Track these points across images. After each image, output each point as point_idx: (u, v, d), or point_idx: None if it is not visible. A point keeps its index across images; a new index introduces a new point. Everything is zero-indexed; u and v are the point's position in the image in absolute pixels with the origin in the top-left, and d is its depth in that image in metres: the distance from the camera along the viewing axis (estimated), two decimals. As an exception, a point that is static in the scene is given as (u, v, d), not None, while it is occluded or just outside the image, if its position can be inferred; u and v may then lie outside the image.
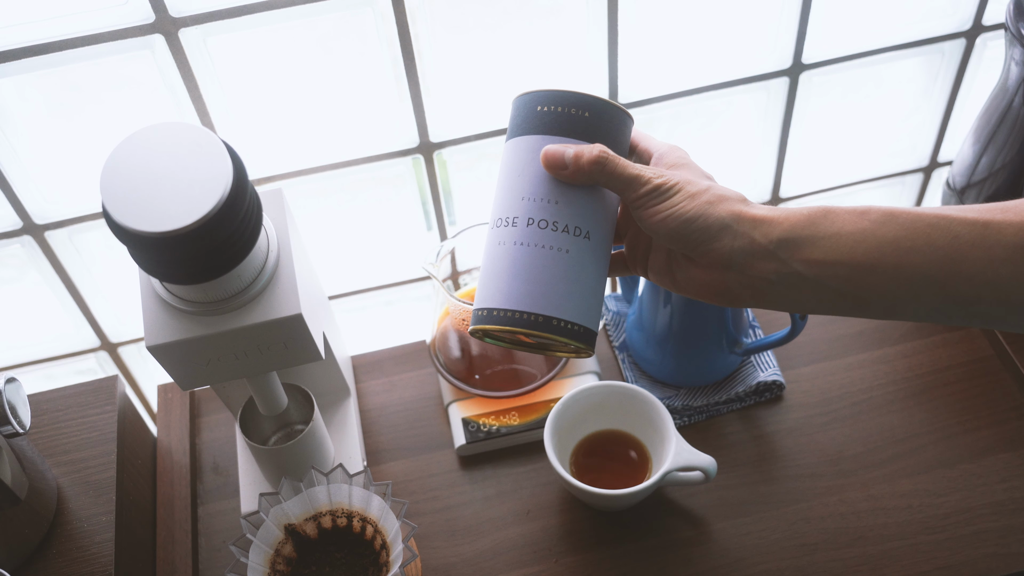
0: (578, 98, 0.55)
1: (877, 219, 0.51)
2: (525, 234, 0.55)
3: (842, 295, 0.52)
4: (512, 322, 0.54)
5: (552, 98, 0.55)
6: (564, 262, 0.55)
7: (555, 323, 0.54)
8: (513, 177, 0.56)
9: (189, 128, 0.57)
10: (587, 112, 0.55)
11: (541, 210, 0.55)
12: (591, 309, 0.56)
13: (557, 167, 0.54)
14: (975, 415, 0.83)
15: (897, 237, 0.50)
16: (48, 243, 0.86)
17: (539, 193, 0.55)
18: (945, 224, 0.49)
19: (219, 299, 0.61)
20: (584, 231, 0.55)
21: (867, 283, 0.51)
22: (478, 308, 0.56)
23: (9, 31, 0.71)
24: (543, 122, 0.55)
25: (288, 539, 0.71)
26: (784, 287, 0.53)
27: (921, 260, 0.50)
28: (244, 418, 0.74)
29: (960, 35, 0.92)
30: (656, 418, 0.77)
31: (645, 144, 0.58)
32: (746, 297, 0.54)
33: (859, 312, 0.53)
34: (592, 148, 0.53)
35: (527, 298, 0.54)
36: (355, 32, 0.79)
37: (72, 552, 0.74)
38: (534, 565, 0.77)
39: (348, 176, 0.89)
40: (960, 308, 0.51)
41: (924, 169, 1.06)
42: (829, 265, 0.51)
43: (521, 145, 0.56)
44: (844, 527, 0.77)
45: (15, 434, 0.67)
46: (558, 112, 0.55)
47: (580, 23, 0.82)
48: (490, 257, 0.56)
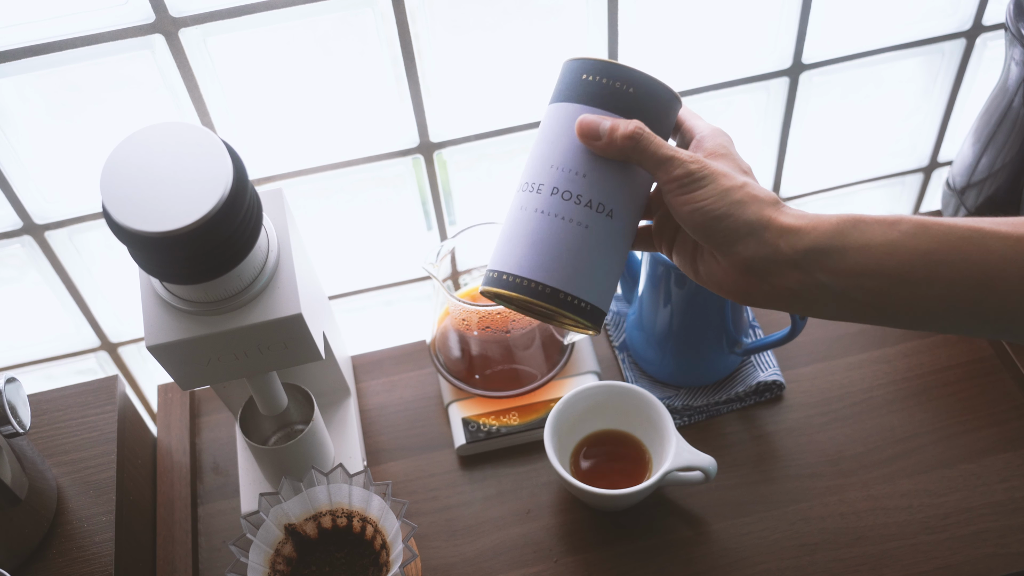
0: (625, 72, 0.54)
1: (908, 230, 0.49)
2: (548, 203, 0.54)
3: (867, 306, 0.51)
4: (520, 289, 0.54)
5: (599, 68, 0.54)
6: (582, 237, 0.54)
7: (562, 296, 0.54)
8: (546, 144, 0.55)
9: (189, 128, 0.57)
10: (632, 88, 0.54)
11: (568, 181, 0.54)
12: (603, 288, 0.55)
13: (591, 137, 0.52)
14: (975, 415, 0.83)
15: (929, 249, 0.48)
16: (48, 243, 0.86)
17: (569, 163, 0.54)
18: (979, 237, 0.48)
19: (219, 299, 0.61)
20: (608, 208, 0.54)
21: (895, 296, 0.49)
22: (491, 269, 0.56)
23: (9, 31, 0.71)
24: (586, 91, 0.54)
25: (288, 539, 0.71)
26: (806, 297, 0.51)
27: (952, 274, 0.48)
28: (244, 418, 0.74)
29: (960, 35, 0.92)
30: (656, 418, 0.77)
31: (690, 123, 0.57)
32: (765, 301, 0.53)
33: (881, 322, 0.52)
34: (628, 123, 0.52)
35: (539, 268, 0.54)
36: (355, 32, 0.79)
37: (72, 552, 0.74)
38: (534, 565, 0.77)
39: (348, 176, 0.89)
40: (988, 323, 0.49)
41: (924, 169, 1.06)
42: (855, 276, 0.50)
43: (560, 112, 0.55)
44: (844, 527, 0.77)
45: (15, 434, 0.67)
46: (602, 83, 0.54)
47: (580, 23, 0.82)
48: (510, 220, 0.56)
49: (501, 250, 0.56)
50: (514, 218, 0.55)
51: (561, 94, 0.55)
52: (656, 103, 0.54)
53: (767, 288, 0.52)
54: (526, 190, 0.55)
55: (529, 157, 0.56)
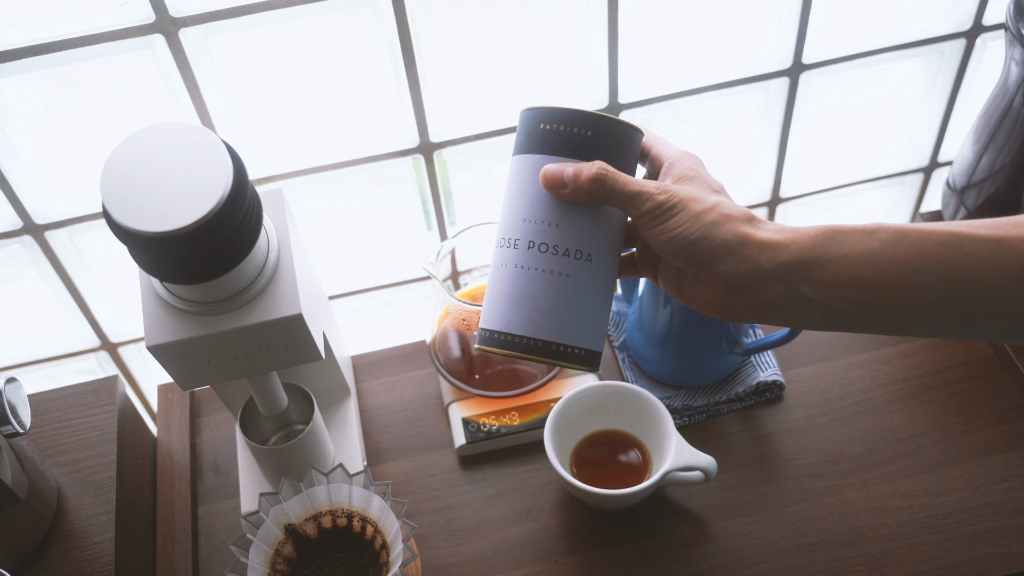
0: (580, 116, 0.54)
1: (887, 239, 0.49)
2: (526, 257, 0.55)
3: (849, 315, 0.51)
4: (512, 347, 0.55)
5: (554, 116, 0.55)
6: (564, 286, 0.54)
7: (554, 348, 0.55)
8: (516, 197, 0.56)
9: (189, 128, 0.57)
10: (589, 131, 0.54)
11: (542, 233, 0.55)
12: (593, 331, 0.56)
13: (556, 186, 0.53)
14: (975, 415, 0.83)
15: (907, 257, 0.49)
16: (48, 243, 0.86)
17: (540, 215, 0.55)
18: (956, 242, 0.48)
19: (219, 299, 0.61)
20: (585, 254, 0.55)
21: (876, 304, 0.50)
22: (482, 328, 0.57)
23: (9, 31, 0.71)
24: (545, 141, 0.55)
25: (288, 539, 0.71)
26: (789, 309, 0.52)
27: (932, 280, 0.48)
28: (244, 418, 0.74)
29: (960, 35, 0.92)
30: (656, 418, 0.77)
31: (658, 150, 0.57)
32: (749, 316, 0.54)
33: (864, 330, 0.52)
34: (592, 166, 0.52)
35: (527, 323, 0.54)
36: (355, 32, 0.79)
37: (72, 552, 0.74)
38: (534, 565, 0.77)
39: (348, 176, 0.89)
40: (968, 325, 0.50)
41: (924, 169, 1.06)
42: (837, 287, 0.50)
43: (523, 164, 0.56)
44: (844, 527, 0.77)
45: (15, 434, 0.67)
46: (560, 131, 0.54)
47: (580, 23, 0.82)
48: (494, 277, 0.57)
49: (489, 308, 0.56)
50: (497, 276, 0.56)
51: (522, 145, 0.56)
52: (616, 141, 0.55)
53: (751, 303, 0.53)
54: (503, 246, 0.56)
55: (502, 212, 0.57)
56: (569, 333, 0.55)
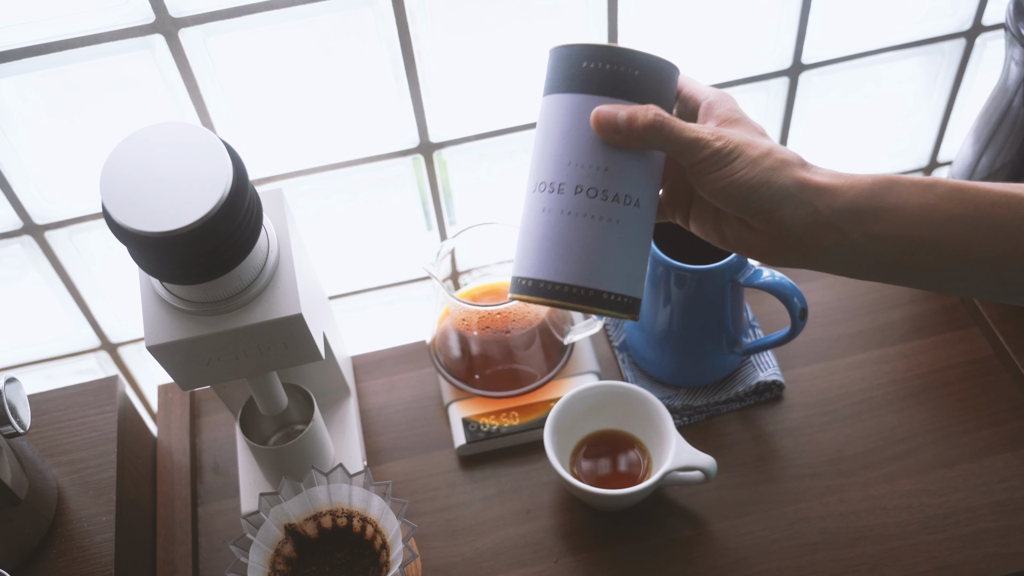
0: (628, 55, 0.51)
1: (943, 194, 0.49)
2: (573, 202, 0.52)
3: (897, 266, 0.51)
4: (560, 296, 0.52)
5: (599, 54, 0.51)
6: (614, 233, 0.52)
7: (604, 296, 0.53)
8: (557, 139, 0.53)
9: (189, 128, 0.57)
10: (637, 70, 0.51)
11: (590, 177, 0.52)
12: (638, 278, 0.54)
13: (610, 130, 0.50)
14: (975, 415, 0.83)
15: (962, 214, 0.48)
16: (48, 243, 0.86)
17: (588, 159, 0.52)
18: (1014, 203, 0.48)
19: (219, 299, 0.61)
20: (634, 199, 0.53)
21: (925, 258, 0.50)
22: (520, 276, 0.54)
23: (9, 31, 0.71)
24: (590, 80, 0.51)
25: (288, 539, 0.71)
26: (838, 256, 0.51)
27: (983, 240, 0.48)
28: (244, 418, 0.74)
29: (960, 35, 0.92)
30: (656, 418, 0.77)
31: (691, 89, 0.55)
32: (795, 261, 0.53)
33: (909, 283, 0.52)
34: (647, 111, 0.50)
35: (575, 272, 0.52)
36: (355, 32, 0.79)
37: (72, 552, 0.74)
38: (534, 565, 0.77)
39: (348, 176, 0.89)
40: (1012, 289, 0.49)
41: (924, 169, 1.06)
42: (890, 238, 0.49)
43: (566, 104, 0.52)
44: (844, 527, 0.77)
45: (15, 434, 0.67)
46: (607, 70, 0.51)
47: (580, 23, 0.82)
48: (533, 224, 0.53)
49: (530, 256, 0.53)
50: (538, 221, 0.53)
51: (561, 84, 0.53)
52: (663, 81, 0.53)
53: (801, 249, 0.52)
54: (545, 191, 0.53)
55: (537, 154, 0.54)
56: (617, 281, 0.53)
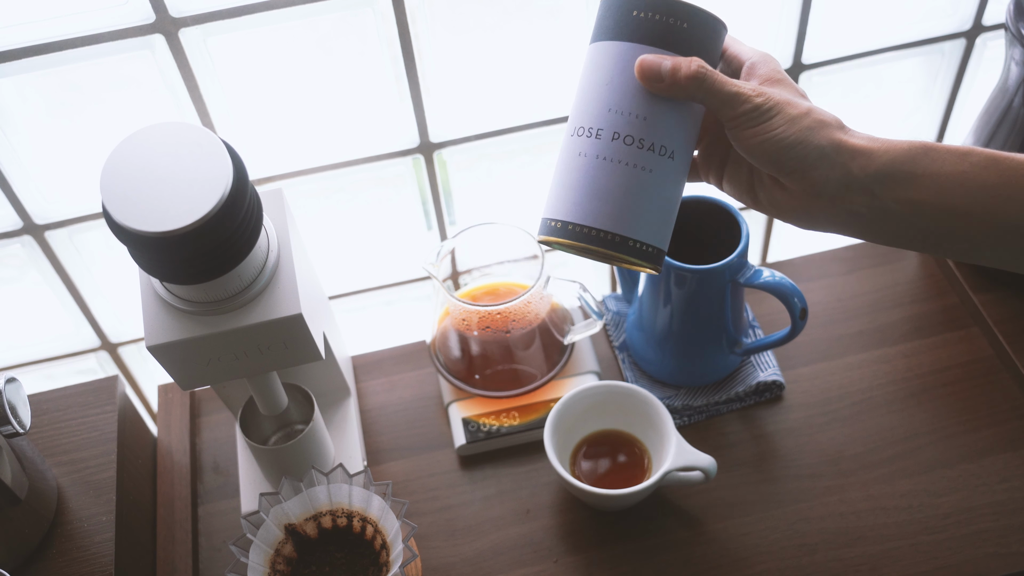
0: (678, 6, 0.52)
1: (979, 162, 0.49)
2: (609, 148, 0.53)
3: (927, 233, 0.51)
4: (588, 239, 0.53)
5: (651, 4, 0.52)
6: (647, 182, 0.53)
7: (631, 244, 0.53)
8: (600, 85, 0.53)
9: (189, 128, 0.57)
10: (686, 23, 0.52)
11: (629, 125, 0.52)
12: (666, 230, 0.55)
13: (653, 79, 0.51)
14: (975, 415, 0.83)
15: (996, 183, 0.49)
16: (48, 243, 0.86)
17: (628, 107, 0.52)
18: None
19: (219, 299, 0.61)
20: (670, 150, 0.53)
21: (956, 225, 0.50)
22: (550, 218, 0.55)
23: (9, 31, 0.71)
24: (638, 29, 0.52)
25: (288, 539, 0.71)
26: (870, 220, 0.52)
27: (1015, 209, 0.49)
28: (244, 418, 0.74)
29: (960, 35, 0.92)
30: (656, 418, 0.77)
31: (735, 49, 0.56)
32: (827, 224, 0.53)
33: (936, 251, 0.52)
34: (691, 62, 0.51)
35: (605, 216, 0.53)
36: (355, 32, 0.79)
37: (72, 552, 0.74)
38: (534, 565, 0.77)
39: (348, 176, 0.89)
40: None
41: (924, 169, 1.06)
42: (923, 204, 0.50)
43: (611, 51, 0.53)
44: (844, 527, 0.77)
45: (15, 434, 0.67)
46: (655, 20, 0.52)
47: (580, 23, 0.82)
48: (568, 167, 0.54)
49: (561, 198, 0.54)
50: (573, 164, 0.54)
51: (610, 31, 0.53)
52: (709, 35, 0.53)
53: (832, 211, 0.52)
54: (583, 135, 0.54)
55: (578, 99, 0.55)
56: (645, 230, 0.53)
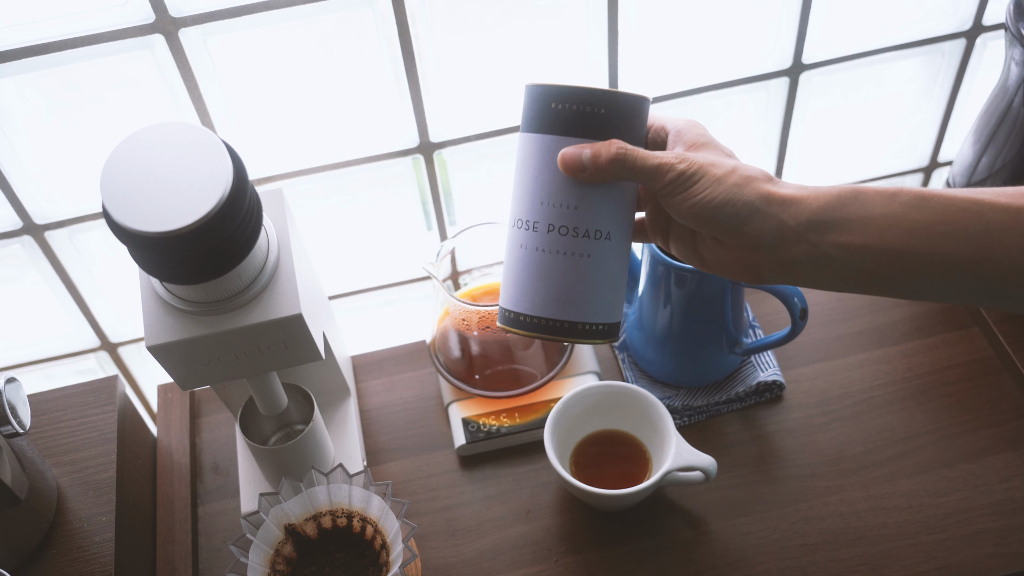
0: (592, 95, 0.54)
1: (908, 202, 0.50)
2: (546, 240, 0.56)
3: (871, 276, 0.52)
4: (540, 328, 0.56)
5: (565, 95, 0.54)
6: (587, 267, 0.56)
7: (580, 327, 0.56)
8: (531, 178, 0.56)
9: (189, 128, 0.57)
10: (603, 108, 0.54)
11: (561, 216, 0.55)
12: (614, 305, 0.57)
13: (576, 170, 0.54)
14: (975, 415, 0.83)
15: (929, 222, 0.49)
16: (48, 243, 0.86)
17: (558, 198, 0.55)
18: (977, 209, 0.49)
19: (219, 299, 0.61)
20: (604, 232, 0.56)
21: (897, 267, 0.50)
22: (506, 308, 0.58)
23: (9, 31, 0.71)
24: (557, 121, 0.55)
25: (288, 539, 0.71)
26: (813, 268, 0.52)
27: (952, 245, 0.49)
28: (244, 418, 0.74)
29: (960, 35, 0.92)
30: (656, 418, 0.77)
31: (660, 121, 0.57)
32: (774, 276, 0.54)
33: (886, 292, 0.53)
34: (609, 146, 0.53)
35: (551, 305, 0.56)
36: (355, 32, 0.79)
37: (72, 552, 0.74)
38: (534, 565, 0.77)
39: (348, 176, 0.89)
40: (989, 292, 0.50)
41: (924, 169, 1.06)
42: (859, 249, 0.51)
43: (536, 144, 0.56)
44: (844, 527, 0.77)
45: (15, 434, 0.67)
46: (573, 111, 0.54)
47: (580, 23, 0.82)
48: (513, 258, 0.57)
49: (511, 289, 0.57)
50: (517, 257, 0.57)
51: (533, 124, 0.56)
52: (628, 115, 0.55)
53: (775, 262, 0.53)
54: (522, 228, 0.57)
55: (514, 189, 0.58)
56: (591, 311, 0.56)
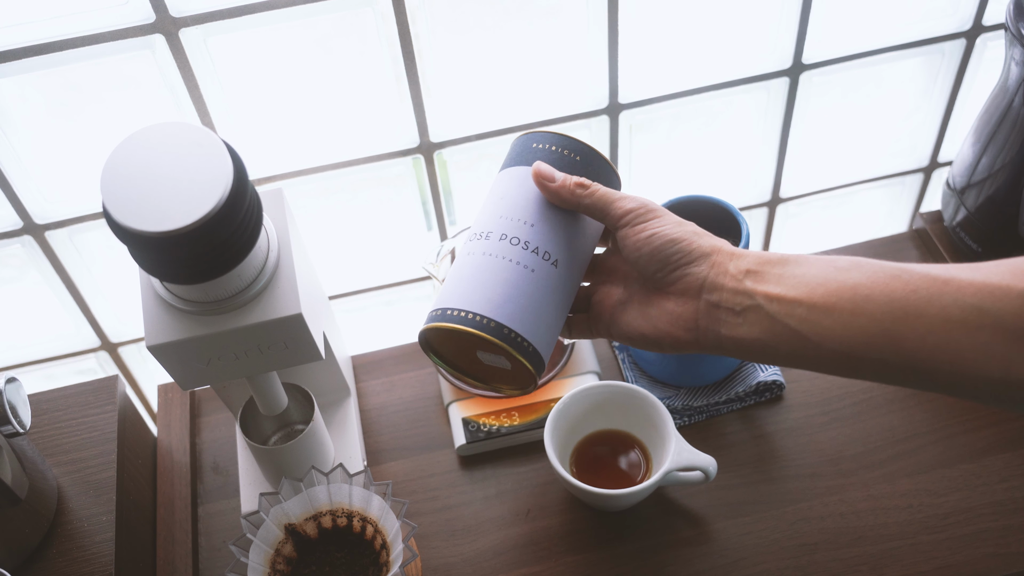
0: (571, 142, 0.59)
1: (843, 266, 0.52)
2: (495, 246, 0.56)
3: (799, 336, 0.52)
4: (464, 322, 0.55)
5: (547, 138, 0.59)
6: (527, 279, 0.56)
7: (506, 331, 0.55)
8: (495, 199, 0.59)
9: (189, 128, 0.57)
10: (578, 156, 0.58)
11: (515, 228, 0.57)
12: (544, 334, 0.57)
13: (545, 178, 0.57)
14: (975, 415, 0.83)
15: (857, 283, 0.50)
16: (48, 243, 0.86)
17: (518, 214, 0.57)
18: (906, 276, 0.49)
19: (219, 299, 0.61)
20: (553, 257, 0.57)
21: (823, 326, 0.51)
22: (434, 308, 0.57)
23: (9, 31, 0.71)
24: (535, 157, 0.58)
25: (288, 539, 0.71)
26: (747, 321, 0.54)
27: (876, 309, 0.49)
28: (244, 418, 0.74)
29: (960, 35, 0.92)
30: (656, 418, 0.77)
31: None
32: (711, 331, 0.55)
33: (815, 363, 0.53)
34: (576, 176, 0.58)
35: (484, 302, 0.55)
36: (355, 32, 0.79)
37: (72, 552, 0.74)
38: (534, 565, 0.77)
39: (348, 176, 0.89)
40: (914, 371, 0.49)
41: (924, 169, 1.06)
42: (788, 302, 0.52)
43: (510, 173, 0.59)
44: (844, 527, 0.77)
45: (15, 434, 0.67)
46: (551, 151, 0.58)
47: (580, 23, 0.82)
48: (457, 265, 0.58)
49: (446, 290, 0.58)
50: (461, 263, 0.58)
51: (511, 161, 0.60)
52: (599, 171, 0.59)
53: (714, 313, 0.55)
54: (474, 239, 0.58)
55: (477, 215, 0.60)
56: (522, 323, 0.56)
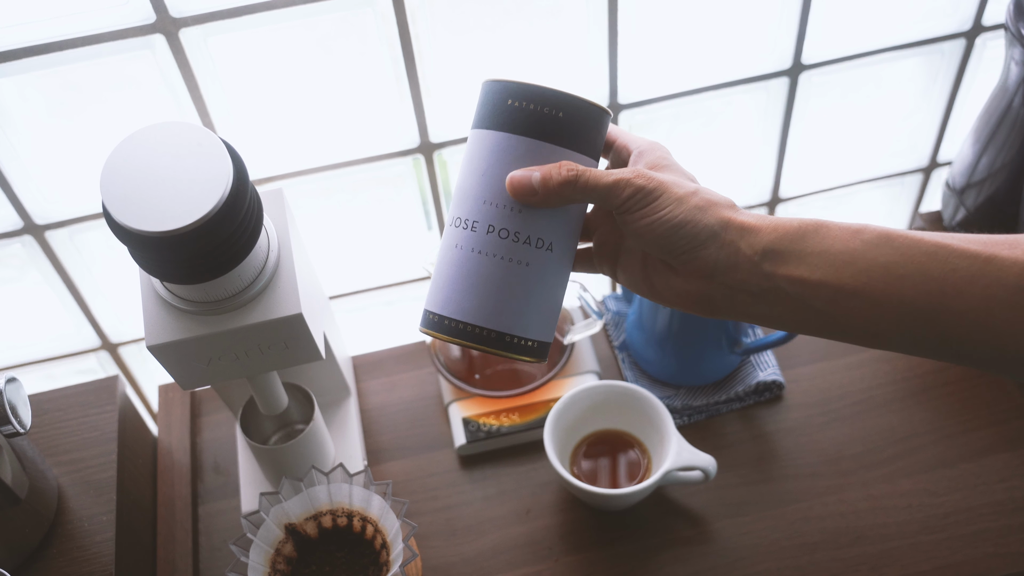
0: (551, 96, 0.51)
1: (871, 240, 0.47)
2: (484, 242, 0.51)
3: (824, 316, 0.48)
4: (464, 335, 0.52)
5: (525, 93, 0.51)
6: (522, 276, 0.52)
7: (508, 339, 0.52)
8: (476, 175, 0.52)
9: (189, 128, 0.57)
10: (561, 112, 0.51)
11: (503, 218, 0.51)
12: (547, 323, 0.54)
13: (527, 194, 0.50)
14: (975, 415, 0.83)
15: (889, 262, 0.46)
16: (48, 243, 0.86)
17: (503, 199, 0.51)
18: (944, 254, 0.45)
19: (219, 299, 0.61)
20: (547, 243, 0.52)
21: (851, 308, 0.47)
22: (430, 310, 0.54)
23: (9, 31, 0.71)
24: (512, 118, 0.51)
25: (288, 538, 0.71)
26: (766, 302, 0.49)
27: (912, 290, 0.46)
28: (244, 418, 0.74)
29: (960, 35, 0.92)
30: (656, 418, 0.77)
31: (624, 140, 0.54)
32: (726, 309, 0.51)
33: (840, 336, 0.49)
34: (560, 168, 0.49)
35: (481, 312, 0.51)
36: (355, 32, 0.79)
37: (72, 552, 0.74)
38: (534, 565, 0.77)
39: (348, 176, 0.89)
40: (948, 347, 0.47)
41: (924, 169, 1.06)
42: (813, 285, 0.47)
43: (487, 140, 0.52)
44: (844, 527, 0.77)
45: (15, 434, 0.67)
46: (530, 110, 0.51)
47: (580, 23, 0.82)
48: (446, 259, 0.53)
49: (440, 291, 0.53)
50: (449, 257, 0.53)
51: (486, 120, 0.52)
52: (588, 125, 0.52)
53: (727, 293, 0.50)
54: (459, 226, 0.52)
55: (457, 188, 0.54)
56: (524, 325, 0.52)
